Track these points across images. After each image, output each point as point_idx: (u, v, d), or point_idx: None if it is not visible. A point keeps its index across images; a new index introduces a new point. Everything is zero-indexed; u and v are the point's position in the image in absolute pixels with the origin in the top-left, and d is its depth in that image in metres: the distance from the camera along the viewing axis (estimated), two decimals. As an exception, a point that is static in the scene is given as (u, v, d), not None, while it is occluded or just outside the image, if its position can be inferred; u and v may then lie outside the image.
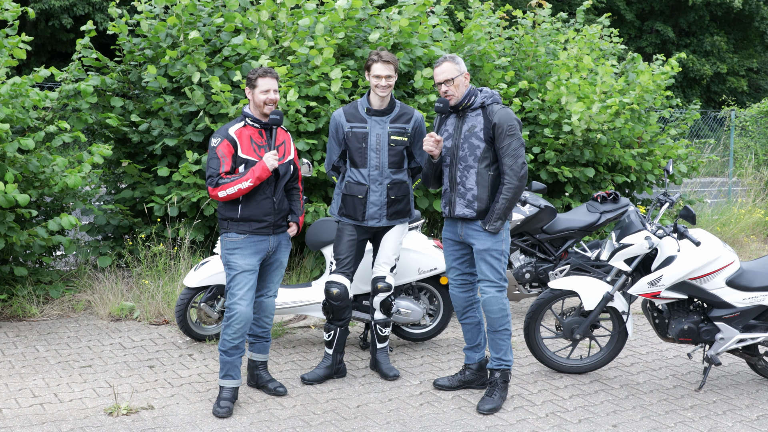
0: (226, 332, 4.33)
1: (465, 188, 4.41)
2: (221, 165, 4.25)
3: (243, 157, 4.28)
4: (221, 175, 4.24)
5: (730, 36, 30.29)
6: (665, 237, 4.72)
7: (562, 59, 7.97)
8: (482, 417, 4.34)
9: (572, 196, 8.18)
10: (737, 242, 9.73)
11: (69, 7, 18.07)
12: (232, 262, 4.33)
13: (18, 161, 5.92)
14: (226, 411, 4.26)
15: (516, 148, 4.31)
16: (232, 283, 4.34)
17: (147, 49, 7.03)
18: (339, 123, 4.78)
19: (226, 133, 4.30)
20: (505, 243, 4.42)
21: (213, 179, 4.25)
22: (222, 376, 4.37)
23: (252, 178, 4.23)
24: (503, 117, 4.32)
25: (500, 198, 4.32)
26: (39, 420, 4.13)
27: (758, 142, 14.22)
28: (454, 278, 4.64)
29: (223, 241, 4.39)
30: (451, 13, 16.97)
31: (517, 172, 4.30)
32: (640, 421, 4.34)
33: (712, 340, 4.75)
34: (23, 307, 6.04)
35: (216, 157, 4.26)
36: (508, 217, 4.41)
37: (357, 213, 4.74)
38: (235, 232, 4.33)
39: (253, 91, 4.32)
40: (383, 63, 4.62)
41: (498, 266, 4.41)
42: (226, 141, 4.27)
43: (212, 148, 4.28)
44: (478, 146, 4.36)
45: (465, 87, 4.41)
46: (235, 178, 4.24)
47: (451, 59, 4.41)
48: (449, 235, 4.58)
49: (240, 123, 4.36)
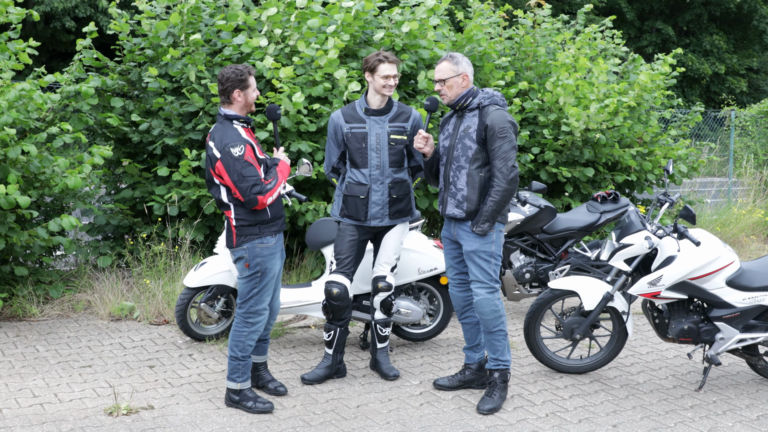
0: (251, 338, 4.27)
1: (456, 188, 4.42)
2: (258, 170, 4.14)
3: (261, 158, 4.24)
4: (263, 181, 4.13)
5: (730, 36, 30.29)
6: (665, 237, 4.72)
7: (560, 60, 7.98)
8: (482, 417, 4.34)
9: (572, 196, 8.18)
10: (737, 242, 9.73)
11: (71, 9, 18.06)
12: (270, 268, 4.23)
13: (20, 162, 5.92)
14: (271, 405, 4.31)
15: (506, 150, 4.28)
16: (261, 289, 4.24)
17: (147, 48, 7.03)
18: (338, 124, 4.78)
19: (242, 138, 4.14)
20: (495, 245, 4.39)
21: (258, 186, 4.08)
22: (244, 379, 4.32)
23: (280, 177, 4.22)
24: (495, 119, 4.30)
25: (488, 200, 4.31)
26: (39, 420, 4.13)
27: (758, 142, 14.22)
28: (453, 277, 4.65)
29: (255, 249, 4.19)
30: (451, 14, 16.96)
31: (506, 175, 4.27)
32: (640, 421, 4.34)
33: (712, 340, 4.75)
34: (23, 307, 6.05)
35: (249, 164, 4.08)
36: (501, 219, 4.39)
37: (359, 213, 4.75)
38: (269, 235, 4.22)
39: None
40: (390, 63, 4.63)
41: (487, 267, 4.39)
42: (248, 146, 4.13)
43: (237, 157, 4.06)
44: (470, 147, 4.36)
45: (462, 88, 4.40)
46: (273, 181, 4.15)
47: (450, 59, 4.40)
48: (447, 234, 4.60)
49: (238, 126, 4.21)
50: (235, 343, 4.28)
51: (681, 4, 29.42)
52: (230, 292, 5.44)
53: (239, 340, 4.28)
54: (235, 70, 4.17)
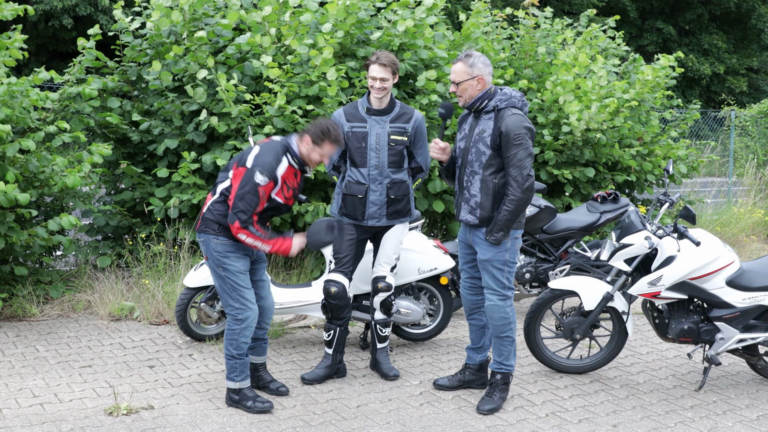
0: (243, 335, 4.27)
1: (469, 194, 4.35)
2: (259, 204, 4.14)
3: (273, 197, 4.22)
4: (254, 216, 4.13)
5: (730, 36, 30.28)
6: (665, 237, 4.72)
7: (561, 58, 7.98)
8: (482, 417, 4.34)
9: (572, 196, 8.18)
10: (737, 242, 9.73)
11: (71, 7, 18.06)
12: (227, 264, 4.24)
13: (18, 161, 5.92)
14: (270, 405, 4.31)
15: (522, 158, 4.17)
16: (236, 287, 4.24)
17: (148, 48, 7.02)
18: (339, 123, 4.78)
19: (274, 175, 4.15)
20: (509, 252, 4.32)
21: (245, 216, 4.09)
22: (242, 378, 4.33)
23: (274, 248, 4.21)
24: (511, 124, 4.17)
25: (503, 209, 4.21)
26: (39, 420, 4.13)
27: (758, 142, 14.22)
28: (465, 280, 4.62)
29: (211, 243, 4.23)
30: (451, 14, 16.97)
31: (522, 183, 4.17)
32: (640, 421, 4.34)
33: (712, 340, 4.75)
34: (23, 307, 6.04)
35: (257, 195, 4.10)
36: (517, 227, 4.30)
37: (357, 212, 4.74)
38: (225, 236, 4.23)
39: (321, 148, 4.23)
40: (379, 65, 4.61)
41: (500, 276, 4.34)
42: (272, 183, 4.14)
43: (255, 183, 4.09)
44: (484, 152, 4.26)
45: (477, 90, 4.29)
46: (259, 234, 4.14)
47: (465, 60, 4.28)
48: (462, 238, 4.55)
49: (285, 163, 4.22)
50: (230, 342, 4.29)
51: (682, 3, 29.42)
52: (230, 292, 5.43)
53: (232, 339, 4.29)
54: (335, 132, 4.23)
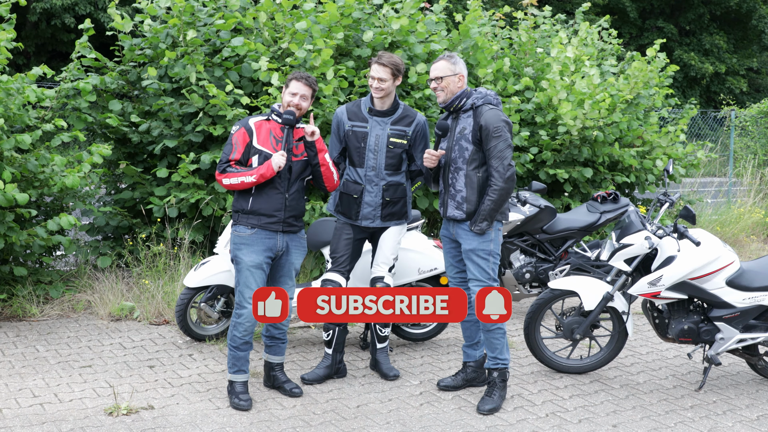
0: (237, 330, 4.34)
1: (455, 190, 4.45)
2: (233, 152, 4.34)
3: (257, 147, 4.35)
4: (230, 162, 4.33)
5: (730, 36, 30.27)
6: (665, 237, 4.72)
7: (552, 55, 8.00)
8: (482, 417, 4.34)
9: (572, 196, 8.18)
10: (737, 242, 9.73)
11: (71, 6, 18.05)
12: (239, 257, 4.36)
13: (17, 161, 5.91)
14: (248, 403, 4.32)
15: (502, 149, 4.32)
16: (240, 281, 4.35)
17: (147, 49, 7.02)
18: (340, 120, 4.79)
19: (246, 123, 4.41)
20: (493, 243, 4.43)
21: (222, 165, 4.35)
22: (234, 371, 4.39)
23: (256, 175, 4.28)
24: (490, 119, 4.34)
25: (486, 199, 4.35)
26: (39, 420, 4.13)
27: (758, 142, 14.21)
28: (453, 276, 4.67)
29: (232, 236, 4.43)
30: (450, 14, 16.96)
31: (503, 174, 4.32)
32: (640, 421, 4.35)
33: (712, 340, 4.75)
34: (23, 307, 6.04)
35: (230, 143, 4.37)
36: (500, 218, 4.43)
37: (351, 212, 4.76)
38: (244, 225, 4.36)
39: (285, 90, 4.42)
40: (379, 65, 4.62)
41: (485, 266, 4.41)
42: (243, 129, 4.39)
43: (230, 135, 4.40)
44: (466, 148, 4.40)
45: (458, 88, 4.45)
46: (242, 169, 4.30)
47: (448, 58, 4.45)
48: (446, 233, 4.64)
49: (264, 116, 4.47)
50: (229, 333, 4.41)
51: (682, 3, 29.42)
52: (230, 292, 5.44)
53: (230, 331, 4.38)
54: (294, 72, 4.45)
